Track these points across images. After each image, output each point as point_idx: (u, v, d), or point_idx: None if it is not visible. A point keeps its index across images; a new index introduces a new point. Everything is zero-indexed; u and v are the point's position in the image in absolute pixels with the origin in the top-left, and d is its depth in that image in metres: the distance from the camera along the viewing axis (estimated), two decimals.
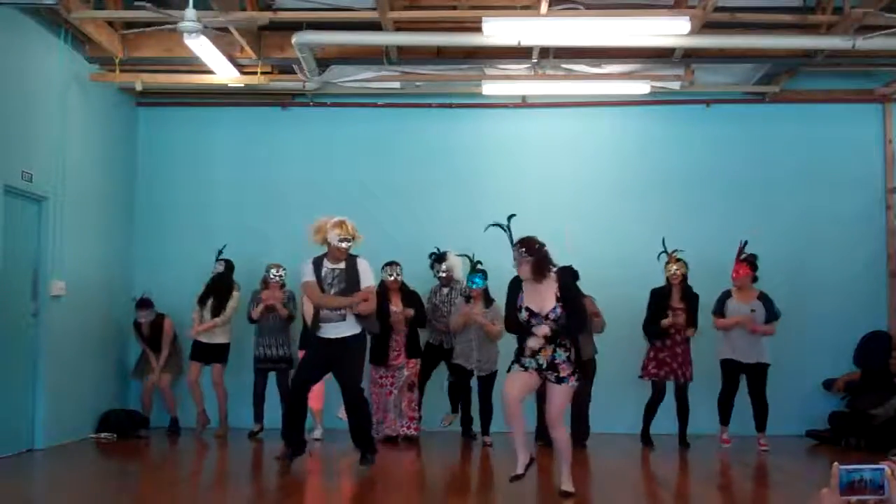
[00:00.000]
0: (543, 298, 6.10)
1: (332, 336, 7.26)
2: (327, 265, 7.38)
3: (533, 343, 6.06)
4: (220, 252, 9.76)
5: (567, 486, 6.27)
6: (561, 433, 6.31)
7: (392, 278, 9.19)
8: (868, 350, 9.82)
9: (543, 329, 6.02)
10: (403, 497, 6.72)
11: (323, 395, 8.91)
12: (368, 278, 7.42)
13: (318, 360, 7.41)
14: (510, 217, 6.47)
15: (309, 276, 7.34)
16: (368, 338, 7.66)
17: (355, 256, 7.46)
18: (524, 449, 6.19)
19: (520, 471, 6.15)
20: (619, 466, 8.19)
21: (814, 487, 2.43)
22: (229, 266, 9.71)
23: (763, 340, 8.96)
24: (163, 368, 9.76)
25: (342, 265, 7.37)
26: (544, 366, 6.11)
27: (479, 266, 9.12)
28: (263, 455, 8.55)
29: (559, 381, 6.12)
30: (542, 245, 6.18)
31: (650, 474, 8.10)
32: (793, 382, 9.86)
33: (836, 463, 2.25)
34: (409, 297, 9.30)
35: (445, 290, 9.38)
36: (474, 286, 8.96)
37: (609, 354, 9.40)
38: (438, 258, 9.44)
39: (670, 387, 9.05)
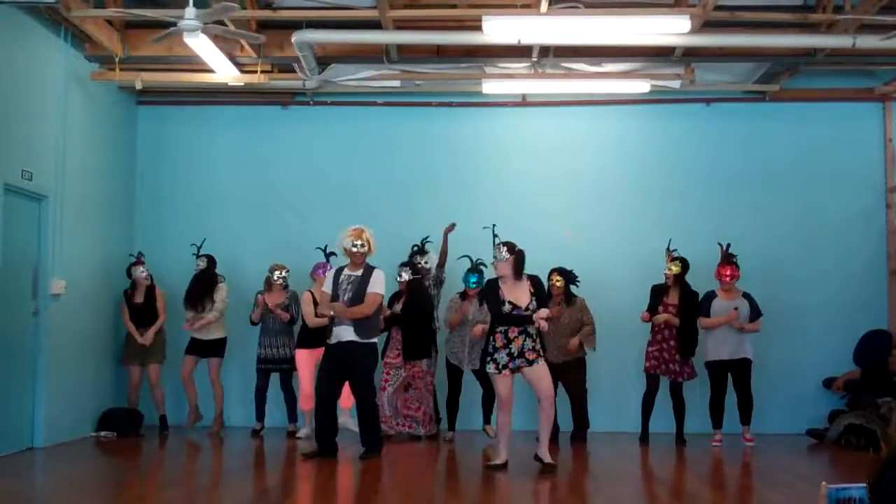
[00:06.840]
0: (520, 294, 7.20)
1: (338, 340, 7.62)
2: (346, 272, 7.81)
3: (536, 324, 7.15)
4: (199, 247, 9.74)
5: (548, 458, 7.27)
6: (551, 406, 7.34)
7: (400, 279, 9.20)
8: (868, 349, 9.81)
9: (543, 312, 7.10)
10: (403, 496, 6.72)
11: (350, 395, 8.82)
12: (375, 287, 7.70)
13: (332, 369, 7.67)
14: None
15: (326, 286, 7.91)
16: (376, 347, 7.86)
17: (373, 267, 7.75)
18: (507, 444, 7.29)
19: (499, 461, 7.25)
20: (619, 464, 8.17)
21: (814, 486, 2.44)
22: (211, 261, 9.71)
23: (746, 338, 8.99)
24: (151, 354, 9.54)
25: (359, 273, 7.71)
26: (515, 354, 7.12)
27: (480, 266, 9.13)
28: (263, 453, 8.55)
29: (531, 363, 7.16)
30: (520, 248, 7.28)
31: (648, 473, 8.10)
32: (793, 381, 9.88)
33: (823, 483, 2.27)
34: (414, 295, 9.23)
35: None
36: (471, 286, 9.08)
37: (610, 353, 9.41)
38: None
39: (665, 383, 9.10)
